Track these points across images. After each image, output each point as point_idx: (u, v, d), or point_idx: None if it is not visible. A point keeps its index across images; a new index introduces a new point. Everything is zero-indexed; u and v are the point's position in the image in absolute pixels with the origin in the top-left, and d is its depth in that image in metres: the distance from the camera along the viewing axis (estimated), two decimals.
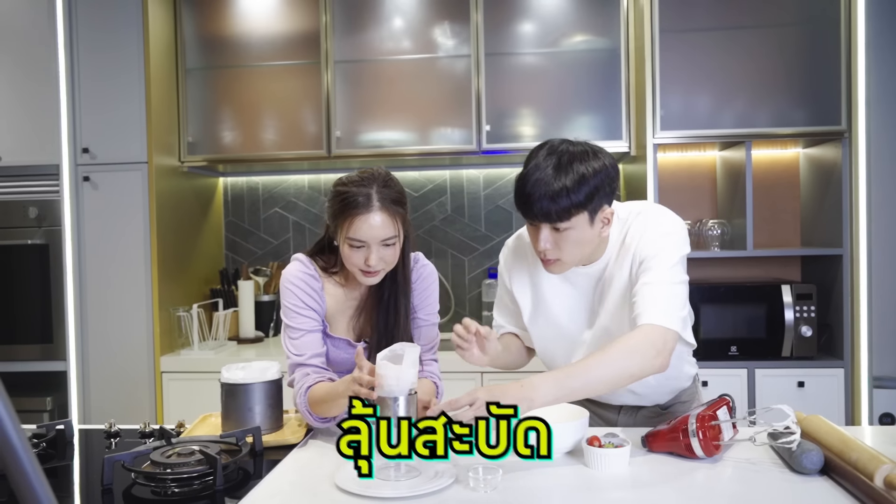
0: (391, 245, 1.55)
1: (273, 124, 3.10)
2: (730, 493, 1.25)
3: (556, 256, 1.47)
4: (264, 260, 3.48)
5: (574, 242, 1.45)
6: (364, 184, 1.54)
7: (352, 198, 1.52)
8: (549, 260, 1.49)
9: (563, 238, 1.44)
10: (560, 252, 1.46)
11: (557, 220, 1.42)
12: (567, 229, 1.43)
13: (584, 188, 1.40)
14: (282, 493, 1.29)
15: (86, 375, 2.91)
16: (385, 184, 1.55)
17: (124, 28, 2.90)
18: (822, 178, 2.90)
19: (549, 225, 1.43)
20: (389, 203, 1.54)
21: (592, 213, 1.44)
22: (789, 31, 2.77)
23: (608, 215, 1.48)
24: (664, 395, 1.67)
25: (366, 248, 1.53)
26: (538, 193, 1.40)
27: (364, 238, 1.52)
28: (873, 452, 1.23)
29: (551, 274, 1.56)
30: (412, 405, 1.33)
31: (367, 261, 1.54)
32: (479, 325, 1.50)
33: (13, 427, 0.53)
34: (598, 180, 1.42)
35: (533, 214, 1.43)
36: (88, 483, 1.42)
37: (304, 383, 1.58)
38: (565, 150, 1.44)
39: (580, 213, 1.42)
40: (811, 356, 2.69)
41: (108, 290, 2.91)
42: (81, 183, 2.91)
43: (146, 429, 1.68)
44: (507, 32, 2.98)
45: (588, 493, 1.25)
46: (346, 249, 1.55)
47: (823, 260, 2.87)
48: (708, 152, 3.16)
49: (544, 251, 1.47)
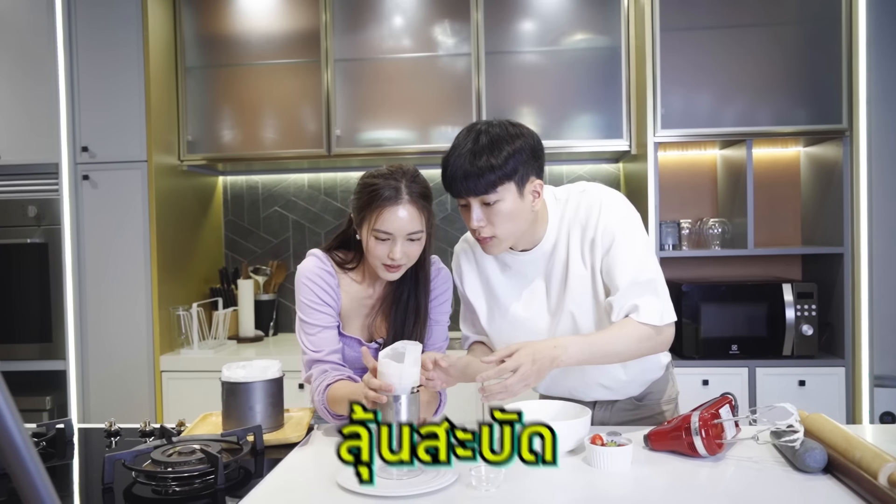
0: (416, 240, 1.56)
1: (273, 123, 3.10)
2: (733, 492, 1.25)
3: (490, 233, 1.47)
4: (264, 259, 3.47)
5: (506, 216, 1.45)
6: (394, 177, 1.54)
7: (381, 190, 1.52)
8: (485, 238, 1.49)
9: (494, 212, 1.45)
10: (494, 228, 1.46)
11: (485, 193, 1.43)
12: (496, 202, 1.44)
13: (508, 159, 1.42)
14: (283, 491, 1.29)
15: (85, 374, 2.90)
16: (414, 179, 1.56)
17: (124, 26, 2.90)
18: (823, 176, 2.90)
19: (478, 200, 1.45)
20: (417, 197, 1.54)
21: (520, 183, 1.45)
22: (790, 29, 2.77)
23: (537, 188, 1.49)
24: (638, 387, 1.67)
25: (391, 241, 1.53)
26: (463, 170, 1.42)
27: (391, 230, 1.52)
28: (877, 451, 1.22)
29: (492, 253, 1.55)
30: (414, 404, 1.32)
31: (390, 254, 1.53)
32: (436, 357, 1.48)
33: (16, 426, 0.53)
34: (520, 150, 1.44)
35: (460, 191, 1.45)
36: (89, 482, 1.41)
37: (324, 381, 1.57)
38: (484, 129, 1.46)
39: (506, 183, 1.43)
40: (812, 355, 2.69)
41: (107, 289, 2.91)
42: (81, 182, 2.91)
43: (147, 428, 1.67)
44: (508, 31, 2.97)
45: (590, 491, 1.25)
46: (372, 242, 1.55)
47: (824, 259, 2.87)
48: (708, 151, 3.16)
49: (478, 228, 1.47)
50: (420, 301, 1.66)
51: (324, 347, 1.61)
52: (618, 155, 3.15)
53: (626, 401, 1.68)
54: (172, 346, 2.98)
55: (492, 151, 1.42)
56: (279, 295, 3.42)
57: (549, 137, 2.92)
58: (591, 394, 1.66)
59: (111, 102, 2.90)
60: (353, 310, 1.68)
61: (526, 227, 1.51)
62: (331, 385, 1.56)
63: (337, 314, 1.65)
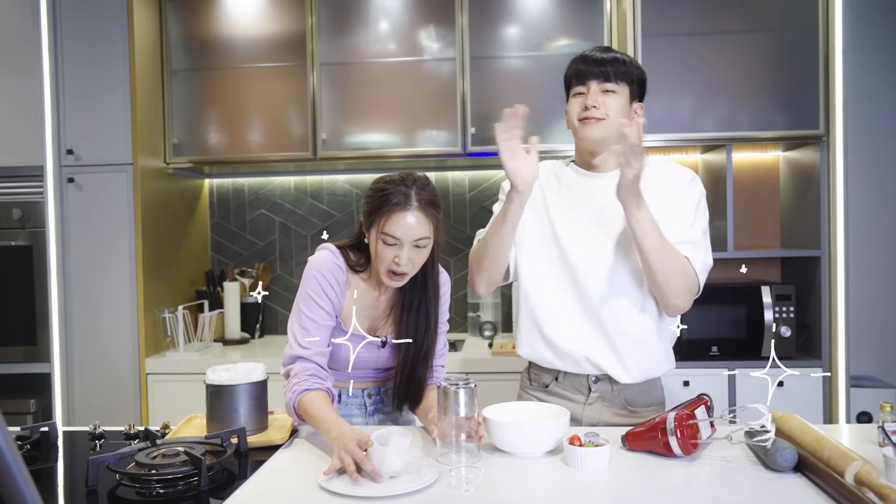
0: (422, 247, 1.59)
1: (259, 126, 3.11)
2: (706, 491, 1.28)
3: (600, 115, 1.64)
4: (250, 261, 3.48)
5: (617, 107, 1.65)
6: (404, 183, 1.57)
7: (391, 195, 1.55)
8: (592, 118, 1.64)
9: (609, 100, 1.64)
10: (605, 110, 1.64)
11: (611, 81, 1.64)
12: (612, 92, 1.65)
13: (633, 67, 1.68)
14: (266, 493, 1.31)
15: (70, 377, 2.90)
16: (424, 187, 1.59)
17: (109, 29, 2.90)
18: (802, 180, 2.95)
19: (598, 85, 1.65)
20: (427, 204, 1.57)
21: (632, 94, 1.68)
22: (769, 36, 2.81)
23: (638, 109, 1.70)
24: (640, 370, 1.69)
25: (398, 246, 1.56)
26: (599, 57, 1.66)
27: (399, 235, 1.55)
28: (845, 450, 1.26)
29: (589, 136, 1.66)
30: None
31: (396, 259, 1.56)
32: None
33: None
34: (640, 72, 1.70)
35: (590, 72, 1.65)
36: (73, 484, 1.42)
37: (302, 385, 1.57)
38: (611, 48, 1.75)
39: (625, 82, 1.65)
40: (790, 356, 2.74)
41: (92, 292, 2.91)
42: (66, 184, 2.91)
43: (131, 430, 1.68)
44: (492, 36, 3.00)
45: (569, 491, 1.28)
46: (380, 246, 1.58)
47: (802, 261, 2.92)
48: (690, 155, 3.20)
49: (592, 107, 1.64)
50: (430, 309, 1.68)
51: (313, 346, 1.61)
52: None
53: (620, 404, 1.71)
54: (158, 349, 2.99)
55: (622, 55, 1.68)
56: (266, 297, 3.43)
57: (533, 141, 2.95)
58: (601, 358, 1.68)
59: (96, 105, 2.91)
60: (359, 310, 1.68)
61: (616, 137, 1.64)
62: (307, 392, 1.56)
63: (336, 313, 1.65)
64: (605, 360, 1.68)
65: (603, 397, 1.71)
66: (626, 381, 1.69)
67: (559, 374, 1.73)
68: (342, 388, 1.71)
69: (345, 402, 1.74)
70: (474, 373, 2.72)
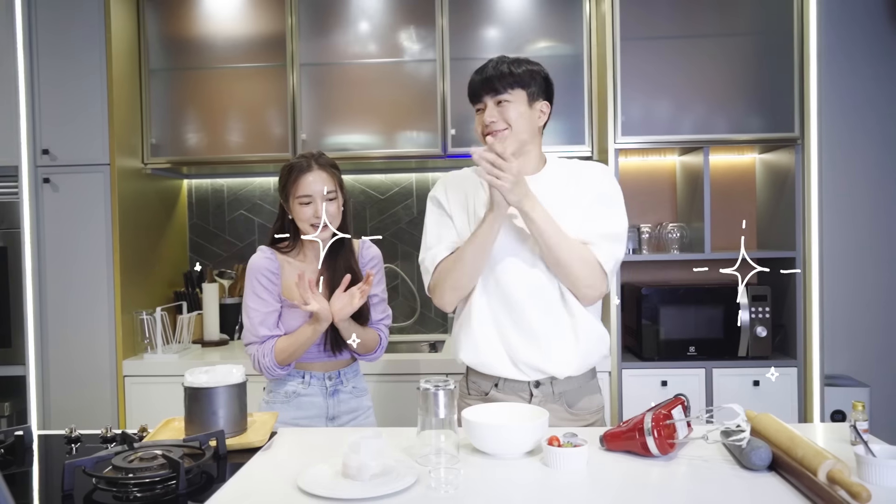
0: (333, 200, 1.89)
1: (238, 126, 3.09)
2: (683, 490, 1.29)
3: (502, 126, 1.70)
4: (229, 262, 3.46)
5: (517, 114, 1.71)
6: (303, 156, 1.92)
7: (294, 165, 1.90)
8: (498, 131, 1.71)
9: (506, 110, 1.70)
10: (506, 122, 1.70)
11: (501, 92, 1.69)
12: (507, 102, 1.70)
13: (524, 73, 1.71)
14: (245, 495, 1.30)
15: (45, 380, 2.87)
16: (320, 155, 1.93)
17: (86, 27, 2.87)
18: (777, 182, 2.99)
19: (493, 101, 1.71)
20: (326, 165, 1.91)
21: (531, 96, 1.72)
22: (745, 40, 2.85)
23: (544, 108, 1.77)
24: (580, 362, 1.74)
25: (313, 203, 1.86)
26: (486, 74, 1.72)
27: (310, 192, 1.86)
28: (818, 449, 1.28)
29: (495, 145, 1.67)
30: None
31: (315, 213, 1.85)
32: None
33: None
34: (536, 73, 1.74)
35: (478, 90, 1.72)
36: (48, 489, 1.41)
37: (268, 344, 1.87)
38: (506, 56, 1.77)
39: (518, 88, 1.71)
40: (766, 356, 2.78)
41: (68, 294, 2.87)
42: (41, 185, 2.87)
43: (108, 434, 1.67)
44: (472, 37, 3.01)
45: (547, 491, 1.29)
46: (298, 209, 1.88)
47: (778, 262, 2.96)
48: (668, 157, 3.23)
49: (490, 123, 1.71)
50: (352, 263, 1.95)
51: (264, 333, 1.88)
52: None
53: (562, 407, 1.75)
54: (135, 351, 2.96)
55: (512, 64, 1.72)
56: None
57: None
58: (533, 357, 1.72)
59: (73, 104, 2.87)
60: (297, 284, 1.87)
61: (529, 138, 1.74)
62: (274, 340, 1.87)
63: (278, 296, 1.91)
64: (538, 358, 1.72)
65: (545, 400, 1.74)
66: (565, 375, 1.73)
67: (499, 381, 1.77)
68: (306, 369, 1.95)
69: (308, 383, 1.95)
70: (454, 373, 2.72)
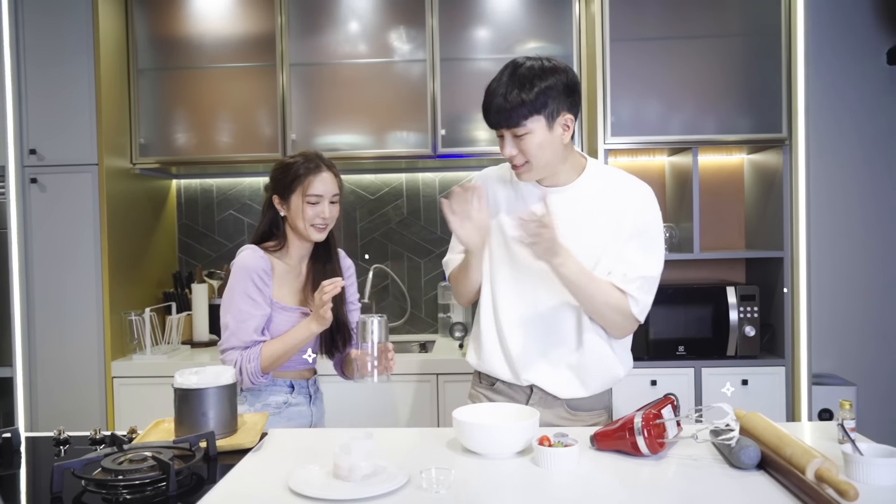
0: (335, 203, 1.89)
1: (228, 126, 3.08)
2: (673, 489, 1.30)
3: (523, 161, 1.60)
4: (218, 263, 3.44)
5: (536, 147, 1.57)
6: (306, 157, 1.89)
7: (302, 165, 1.86)
8: (519, 165, 1.61)
9: (525, 143, 1.57)
10: (525, 156, 1.59)
11: (515, 126, 1.56)
12: (525, 134, 1.56)
13: (539, 94, 1.54)
14: (236, 497, 1.30)
15: (33, 382, 2.84)
16: (321, 156, 1.92)
17: (74, 27, 2.85)
18: (765, 183, 3.01)
19: (510, 133, 1.58)
20: (333, 167, 1.91)
21: (549, 117, 1.56)
22: (734, 42, 2.87)
23: (568, 122, 1.60)
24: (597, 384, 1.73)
25: (320, 203, 1.85)
26: (497, 104, 1.56)
27: (321, 192, 1.84)
28: (806, 447, 1.29)
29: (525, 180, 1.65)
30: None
31: (321, 214, 1.84)
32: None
33: None
34: (552, 87, 1.55)
35: (492, 122, 1.59)
36: (37, 492, 1.40)
37: (255, 350, 1.79)
38: (523, 62, 1.59)
39: (534, 116, 1.55)
40: (754, 355, 2.79)
41: (56, 295, 2.85)
42: (28, 185, 2.85)
43: (97, 435, 1.66)
44: (463, 38, 3.01)
45: (538, 491, 1.29)
46: (304, 208, 1.84)
47: (766, 262, 2.98)
48: (657, 157, 3.25)
49: (511, 157, 1.60)
50: (335, 263, 1.97)
51: (248, 338, 1.80)
52: None
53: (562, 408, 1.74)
54: (124, 352, 2.94)
55: (523, 87, 1.54)
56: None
57: None
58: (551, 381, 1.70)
59: (60, 104, 2.85)
60: (285, 285, 1.90)
61: (557, 159, 1.63)
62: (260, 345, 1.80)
63: (270, 300, 1.85)
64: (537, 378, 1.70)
65: (544, 401, 1.73)
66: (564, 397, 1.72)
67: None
68: (294, 378, 1.93)
69: (297, 392, 1.94)
70: (445, 373, 2.73)
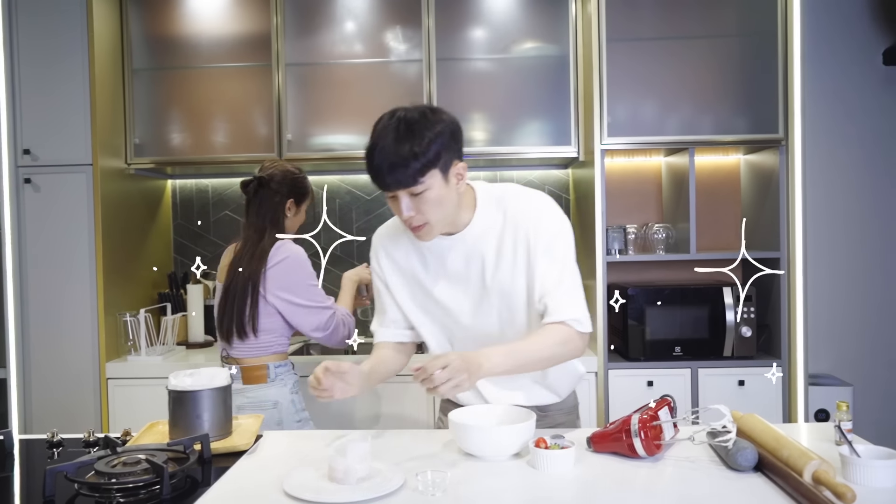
0: None
1: (223, 126, 3.07)
2: (670, 491, 1.30)
3: (422, 221, 1.51)
4: (214, 263, 3.42)
5: (434, 203, 1.49)
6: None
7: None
8: (417, 226, 1.52)
9: (423, 200, 1.48)
10: (424, 215, 1.50)
11: (413, 185, 1.46)
12: (424, 191, 1.47)
13: (430, 144, 1.44)
14: (230, 500, 1.29)
15: (27, 383, 2.83)
16: None
17: (68, 26, 2.83)
18: (762, 183, 3.01)
19: (406, 191, 1.48)
20: None
21: (444, 169, 1.48)
22: (730, 42, 2.87)
23: (461, 171, 1.53)
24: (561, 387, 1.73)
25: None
26: (387, 164, 1.44)
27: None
28: (803, 449, 1.29)
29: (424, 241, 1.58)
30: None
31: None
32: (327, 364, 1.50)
33: None
34: (440, 135, 1.46)
35: (387, 184, 1.47)
36: (29, 495, 1.39)
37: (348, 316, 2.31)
38: (403, 116, 1.47)
39: (431, 170, 1.46)
40: (751, 356, 2.79)
41: (50, 296, 2.83)
42: (22, 185, 2.83)
43: (90, 438, 1.65)
44: (459, 38, 3.00)
45: (534, 493, 1.28)
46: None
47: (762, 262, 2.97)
48: (654, 158, 3.25)
49: (409, 218, 1.51)
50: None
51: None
52: (567, 161, 3.21)
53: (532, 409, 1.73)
54: (119, 353, 2.93)
55: (413, 139, 1.44)
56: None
57: (500, 143, 2.98)
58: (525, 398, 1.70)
59: (54, 104, 2.83)
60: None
61: (454, 210, 1.55)
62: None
63: None
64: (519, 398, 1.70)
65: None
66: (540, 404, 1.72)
67: None
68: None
69: None
70: None
